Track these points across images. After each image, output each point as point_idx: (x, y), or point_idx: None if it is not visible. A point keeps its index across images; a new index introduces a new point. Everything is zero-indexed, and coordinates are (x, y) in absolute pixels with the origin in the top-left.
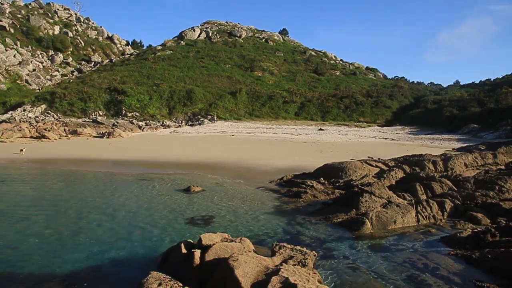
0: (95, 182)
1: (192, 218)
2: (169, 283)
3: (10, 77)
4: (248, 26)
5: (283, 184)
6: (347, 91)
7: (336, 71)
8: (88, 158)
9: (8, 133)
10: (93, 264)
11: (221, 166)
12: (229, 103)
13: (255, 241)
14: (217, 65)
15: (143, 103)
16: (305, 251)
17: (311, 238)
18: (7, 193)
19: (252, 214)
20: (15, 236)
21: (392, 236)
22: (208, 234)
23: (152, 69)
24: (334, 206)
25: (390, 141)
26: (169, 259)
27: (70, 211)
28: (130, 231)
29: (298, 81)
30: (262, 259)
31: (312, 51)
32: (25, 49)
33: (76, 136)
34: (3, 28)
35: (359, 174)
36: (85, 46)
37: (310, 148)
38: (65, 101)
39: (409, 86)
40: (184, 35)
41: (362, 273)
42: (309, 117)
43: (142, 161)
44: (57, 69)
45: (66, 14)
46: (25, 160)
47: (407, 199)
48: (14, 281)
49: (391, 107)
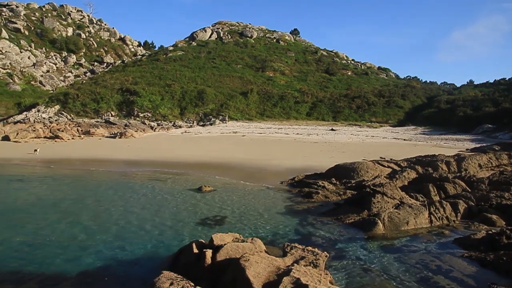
0: (107, 182)
1: (204, 218)
2: (181, 283)
3: (24, 78)
4: (259, 27)
5: (295, 184)
6: (358, 91)
7: (348, 71)
8: (101, 158)
9: (23, 133)
10: (105, 263)
11: (232, 166)
12: (241, 104)
13: (267, 241)
14: (228, 66)
15: (155, 104)
16: (317, 251)
17: (322, 238)
18: (21, 192)
19: (264, 214)
20: (28, 235)
21: (404, 237)
22: (219, 234)
23: (164, 70)
24: (345, 207)
25: (402, 142)
26: (181, 259)
27: (82, 211)
28: (142, 231)
29: (309, 81)
30: (273, 260)
31: (324, 51)
32: (39, 50)
33: (89, 136)
34: (18, 30)
35: (371, 175)
36: (98, 47)
37: (321, 148)
38: (78, 102)
39: (421, 86)
40: (196, 36)
41: (374, 274)
42: (320, 117)
43: (154, 161)
44: (70, 70)
45: (79, 16)
46: (39, 160)
47: (420, 200)
48: (28, 280)
49: (404, 107)
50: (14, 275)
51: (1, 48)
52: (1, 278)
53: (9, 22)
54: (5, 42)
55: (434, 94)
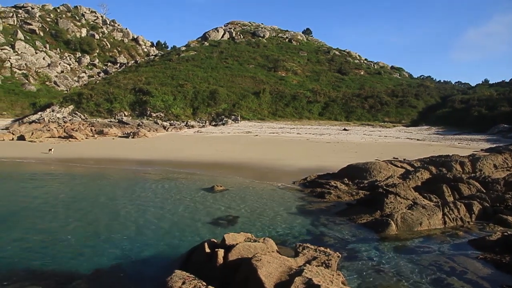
0: (120, 181)
1: (216, 217)
2: (193, 282)
3: (39, 79)
4: (272, 26)
5: (307, 184)
6: (371, 91)
7: (361, 71)
8: (114, 158)
9: (38, 133)
10: (118, 262)
11: (244, 166)
12: (253, 103)
13: (279, 241)
14: (241, 66)
15: (167, 104)
16: (329, 252)
17: (335, 239)
18: (36, 191)
19: (276, 214)
20: (43, 233)
21: (417, 238)
22: (231, 234)
23: (176, 70)
24: (358, 207)
25: (415, 142)
26: (193, 258)
27: (95, 210)
28: (154, 230)
29: (322, 81)
30: (285, 260)
31: (336, 51)
32: (54, 51)
33: (102, 136)
34: (33, 32)
35: (384, 175)
36: (111, 47)
37: (334, 148)
38: (92, 102)
39: (435, 85)
40: (208, 36)
41: (387, 275)
42: (333, 117)
43: (167, 161)
44: (84, 71)
45: (93, 17)
46: (54, 159)
47: (434, 201)
48: (43, 278)
49: (417, 107)
50: (29, 273)
51: (17, 49)
52: (17, 275)
53: (25, 24)
54: (20, 43)
55: (448, 93)
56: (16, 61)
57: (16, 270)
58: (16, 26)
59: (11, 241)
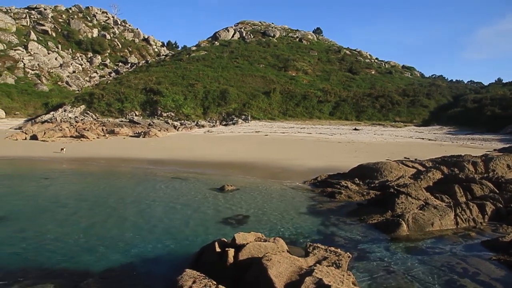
0: (131, 180)
1: (226, 217)
2: (203, 281)
3: (52, 79)
4: (282, 26)
5: (317, 184)
6: (382, 90)
7: (372, 70)
8: (125, 157)
9: (50, 132)
10: (128, 261)
11: (255, 166)
12: (263, 103)
13: (289, 241)
14: (251, 65)
15: (178, 103)
16: (339, 252)
17: (345, 239)
18: (48, 190)
19: (286, 214)
20: (55, 232)
21: (429, 239)
22: (242, 233)
23: (187, 70)
24: (369, 207)
25: (427, 142)
26: (203, 258)
27: (106, 209)
28: (165, 229)
29: (332, 81)
30: (295, 259)
31: (347, 50)
32: (66, 52)
33: (114, 135)
34: (46, 32)
35: (395, 175)
36: (122, 48)
37: (344, 148)
38: (103, 102)
39: (447, 84)
40: (218, 36)
41: (398, 276)
42: (343, 117)
43: (177, 160)
44: (96, 71)
45: (104, 17)
46: (66, 158)
47: (445, 201)
48: (56, 276)
49: (429, 107)
50: (43, 270)
51: (30, 50)
52: (30, 272)
53: (38, 25)
54: (33, 44)
55: (461, 93)
56: (29, 62)
57: (30, 267)
58: (29, 27)
59: (25, 239)
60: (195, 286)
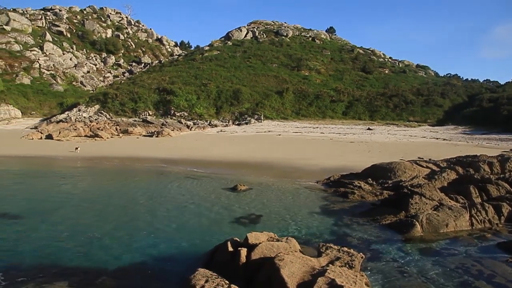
0: (144, 180)
1: (239, 216)
2: (216, 280)
3: (66, 79)
4: (295, 25)
5: (330, 184)
6: (396, 89)
7: (385, 69)
8: (138, 157)
9: (65, 132)
10: (142, 259)
11: (267, 166)
12: (276, 103)
13: (301, 241)
14: (264, 65)
15: (191, 103)
16: (352, 252)
17: (358, 239)
18: (64, 189)
19: (299, 214)
20: (70, 230)
21: (443, 240)
22: (254, 233)
23: (200, 69)
24: (382, 208)
25: (441, 141)
26: (216, 257)
27: (120, 208)
28: (178, 229)
29: (345, 80)
30: (308, 260)
31: (360, 49)
32: (80, 52)
33: (127, 135)
34: (61, 33)
35: (409, 175)
36: (136, 48)
37: (357, 148)
38: (117, 101)
39: (462, 83)
40: (231, 35)
41: (412, 277)
42: (357, 116)
43: (190, 160)
44: (109, 71)
45: (118, 17)
46: (80, 158)
47: (460, 202)
48: (69, 273)
49: (443, 106)
50: (58, 268)
51: (45, 51)
52: (45, 269)
53: (53, 26)
54: (49, 44)
55: (476, 92)
56: (45, 62)
57: (44, 265)
58: (45, 28)
59: (40, 237)
60: (207, 285)
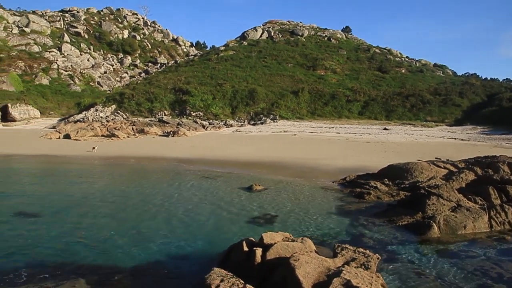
0: (160, 179)
1: (254, 216)
2: (231, 280)
3: (84, 80)
4: (310, 25)
5: (346, 184)
6: (413, 89)
7: (402, 69)
8: (154, 156)
9: (82, 132)
10: (157, 258)
11: (283, 165)
12: (291, 103)
13: (317, 241)
14: (279, 65)
15: (206, 103)
16: (368, 253)
17: (374, 240)
18: (82, 187)
19: (314, 214)
20: (86, 229)
21: (461, 242)
22: (269, 233)
23: (215, 70)
24: (398, 208)
25: (460, 142)
26: (231, 257)
27: (136, 207)
28: (193, 228)
29: (361, 80)
30: (323, 260)
31: (376, 49)
32: (97, 53)
33: (143, 135)
34: (79, 34)
35: (426, 176)
36: (152, 48)
37: (374, 148)
38: (133, 102)
39: (481, 83)
40: (247, 35)
41: (428, 279)
42: (373, 116)
43: (206, 160)
44: (126, 71)
45: (134, 18)
46: (97, 157)
47: (479, 203)
48: (85, 271)
49: (461, 106)
50: (74, 266)
51: (64, 52)
52: (62, 267)
53: (71, 27)
54: (67, 45)
55: (495, 91)
56: (63, 63)
57: (63, 262)
58: (63, 29)
59: (58, 234)
60: (222, 284)
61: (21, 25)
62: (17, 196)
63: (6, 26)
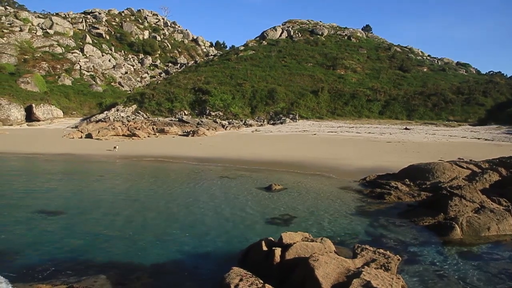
0: (180, 178)
1: (273, 216)
2: (250, 279)
3: (105, 80)
4: (330, 24)
5: (366, 184)
6: (435, 88)
7: (423, 68)
8: (174, 156)
9: (104, 131)
10: (176, 257)
11: (302, 165)
12: (311, 102)
13: (336, 241)
14: (299, 64)
15: (226, 103)
16: (389, 254)
17: (394, 241)
18: (103, 186)
19: (334, 214)
20: (106, 227)
21: (485, 244)
22: (289, 233)
23: (235, 69)
24: (420, 209)
25: (483, 142)
26: (250, 256)
27: (156, 206)
28: (212, 227)
29: (382, 79)
30: (343, 261)
31: (397, 47)
32: (119, 53)
33: (163, 134)
34: (100, 35)
35: (448, 176)
36: (172, 48)
37: (394, 148)
38: (154, 101)
39: (506, 81)
40: (266, 35)
41: (450, 282)
42: (393, 116)
43: (225, 159)
44: (147, 71)
45: (155, 19)
46: (118, 156)
47: (504, 205)
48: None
49: (485, 105)
50: (94, 264)
51: (86, 53)
52: (82, 265)
53: (93, 28)
54: (89, 46)
55: None
56: (85, 64)
57: (82, 260)
58: (85, 30)
59: (79, 233)
60: (242, 284)
61: (45, 27)
62: (42, 193)
63: (31, 28)
